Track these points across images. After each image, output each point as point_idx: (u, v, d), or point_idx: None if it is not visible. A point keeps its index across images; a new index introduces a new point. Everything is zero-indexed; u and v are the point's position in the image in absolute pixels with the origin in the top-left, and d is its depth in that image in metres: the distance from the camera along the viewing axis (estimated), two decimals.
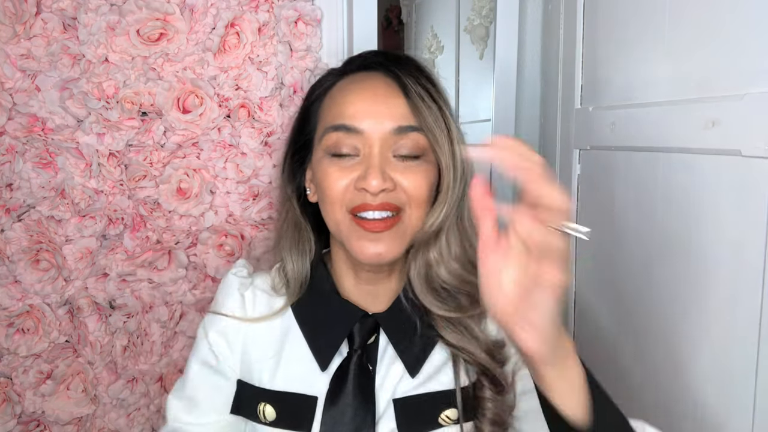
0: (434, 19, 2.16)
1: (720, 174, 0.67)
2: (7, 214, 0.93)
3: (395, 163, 0.63)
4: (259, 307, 0.72)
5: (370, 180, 0.61)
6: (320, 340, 0.68)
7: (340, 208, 0.64)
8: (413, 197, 0.63)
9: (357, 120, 0.63)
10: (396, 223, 0.63)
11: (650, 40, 0.82)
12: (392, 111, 0.63)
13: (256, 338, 0.71)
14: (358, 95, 0.65)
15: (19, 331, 0.95)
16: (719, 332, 0.68)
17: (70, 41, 0.91)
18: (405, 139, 0.63)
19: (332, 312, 0.69)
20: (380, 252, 0.63)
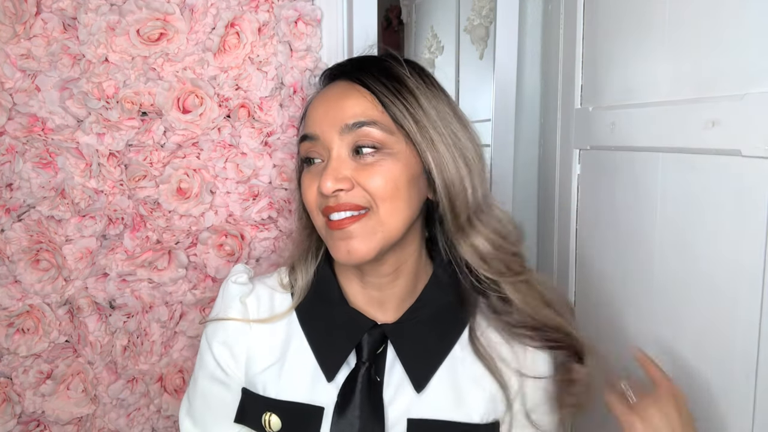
0: (434, 19, 2.16)
1: (720, 174, 0.67)
2: (7, 214, 0.93)
3: (351, 162, 0.63)
4: (262, 310, 0.71)
5: (324, 183, 0.62)
6: (326, 351, 0.67)
7: (317, 214, 0.66)
8: (374, 193, 0.62)
9: (314, 128, 0.65)
10: (362, 218, 0.63)
11: (650, 40, 0.82)
12: (342, 112, 0.64)
13: (259, 344, 0.70)
14: (318, 104, 0.67)
15: (19, 331, 0.95)
16: (719, 332, 0.68)
17: (70, 41, 0.91)
18: (354, 135, 0.63)
19: (340, 321, 0.68)
20: (350, 249, 0.62)
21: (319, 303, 0.70)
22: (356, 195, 0.62)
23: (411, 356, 0.66)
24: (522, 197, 1.40)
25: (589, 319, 1.04)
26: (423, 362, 0.67)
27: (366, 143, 0.63)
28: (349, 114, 0.64)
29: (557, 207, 1.17)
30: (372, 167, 0.63)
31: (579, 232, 1.08)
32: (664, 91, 0.79)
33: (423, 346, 0.67)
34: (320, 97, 0.68)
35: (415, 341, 0.67)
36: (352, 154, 0.64)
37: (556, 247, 1.18)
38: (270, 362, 0.69)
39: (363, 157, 0.63)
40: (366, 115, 0.63)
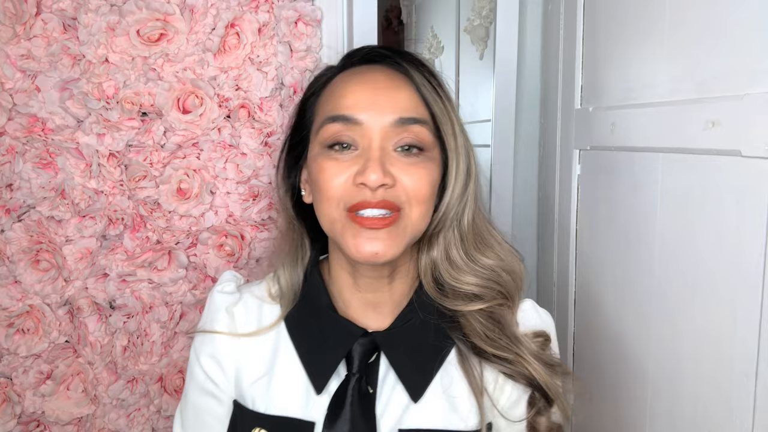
0: (434, 20, 2.16)
1: (720, 174, 0.67)
2: (7, 214, 0.93)
3: (396, 158, 0.60)
4: (250, 321, 0.68)
5: (369, 174, 0.57)
6: (315, 362, 0.64)
7: (336, 206, 0.60)
8: (414, 195, 0.60)
9: (356, 111, 0.60)
10: (395, 221, 0.60)
11: (650, 40, 0.82)
12: (394, 103, 0.60)
13: (248, 357, 0.67)
14: (359, 86, 0.62)
15: (19, 331, 0.95)
16: (719, 332, 0.68)
17: (70, 41, 0.91)
18: (407, 131, 0.60)
19: (328, 330, 0.65)
20: (377, 251, 0.59)
21: (307, 312, 0.67)
22: (396, 193, 0.59)
23: (405, 365, 0.63)
24: (522, 197, 1.40)
25: (589, 320, 1.04)
26: (418, 371, 0.63)
27: (415, 143, 0.60)
28: (404, 106, 0.60)
29: (557, 207, 1.17)
30: (417, 167, 0.60)
31: (579, 232, 1.08)
32: (664, 91, 0.79)
33: (417, 354, 0.64)
34: (361, 78, 0.63)
35: (408, 349, 0.64)
36: (396, 149, 0.60)
37: (556, 247, 1.18)
38: (259, 375, 0.66)
39: (408, 156, 0.60)
40: (419, 113, 0.61)
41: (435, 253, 0.65)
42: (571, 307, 1.10)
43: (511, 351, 0.63)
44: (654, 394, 0.82)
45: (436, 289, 0.65)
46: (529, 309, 0.69)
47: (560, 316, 1.15)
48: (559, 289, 1.17)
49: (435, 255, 0.65)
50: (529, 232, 1.38)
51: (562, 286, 1.14)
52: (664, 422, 0.80)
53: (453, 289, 0.64)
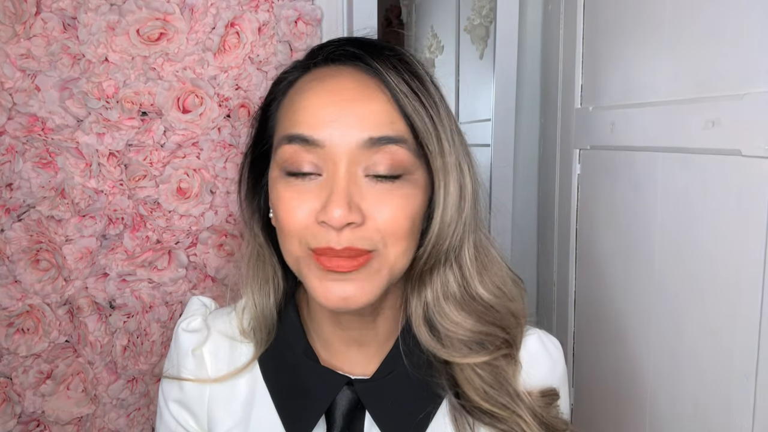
0: (434, 19, 2.16)
1: (720, 174, 0.67)
2: (7, 214, 0.93)
3: (367, 186, 0.49)
4: (220, 362, 0.60)
5: (332, 210, 0.46)
6: (293, 416, 0.56)
7: (298, 243, 0.50)
8: (389, 233, 0.49)
9: (317, 129, 0.49)
10: (367, 261, 0.49)
11: (650, 39, 0.82)
12: (364, 118, 0.49)
13: (219, 404, 0.59)
14: (320, 97, 0.50)
15: (19, 331, 0.95)
16: (719, 332, 0.68)
17: (70, 41, 0.91)
18: (380, 153, 0.49)
19: (307, 379, 0.56)
20: (348, 296, 0.49)
21: (283, 355, 0.58)
22: (366, 234, 0.48)
23: (391, 422, 0.54)
24: (522, 197, 1.40)
25: (589, 320, 1.04)
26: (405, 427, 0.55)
27: (391, 171, 0.49)
28: (376, 122, 0.49)
29: (557, 207, 1.17)
30: (390, 197, 0.49)
31: (579, 232, 1.08)
32: (664, 91, 0.79)
33: (404, 408, 0.55)
34: (324, 86, 0.51)
35: (395, 402, 0.55)
36: (367, 175, 0.49)
37: (556, 247, 1.18)
38: (233, 423, 0.58)
39: (380, 181, 0.49)
40: (395, 129, 0.49)
41: (429, 296, 0.54)
42: (571, 307, 1.10)
43: (508, 410, 0.54)
44: (654, 394, 0.82)
45: (430, 334, 0.54)
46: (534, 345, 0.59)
47: (560, 316, 1.15)
48: (559, 289, 1.17)
49: (429, 297, 0.54)
50: (529, 232, 1.38)
51: (562, 286, 1.14)
52: (664, 422, 0.80)
53: (448, 335, 0.54)
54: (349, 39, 0.56)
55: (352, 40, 0.55)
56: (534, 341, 0.59)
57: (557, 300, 1.17)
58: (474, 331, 0.54)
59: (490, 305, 0.55)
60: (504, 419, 0.54)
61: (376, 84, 0.50)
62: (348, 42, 0.54)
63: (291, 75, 0.56)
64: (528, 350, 0.58)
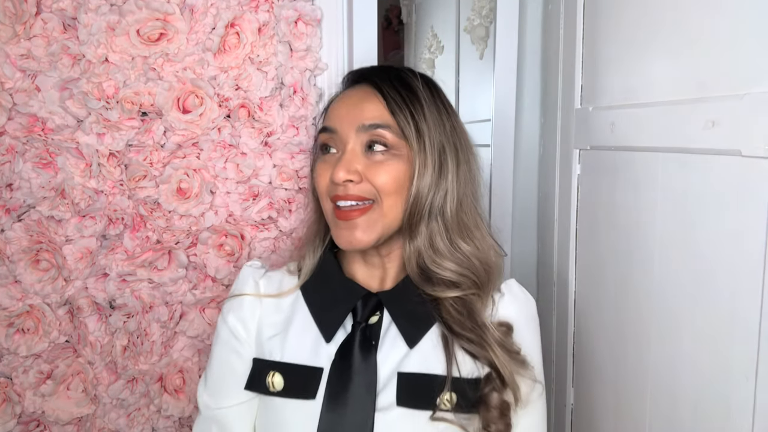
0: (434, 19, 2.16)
1: (720, 174, 0.67)
2: (7, 214, 0.93)
3: (365, 158, 0.72)
4: (271, 288, 0.80)
5: (336, 173, 0.70)
6: (325, 316, 0.75)
7: (326, 199, 0.74)
8: (380, 188, 0.71)
9: (334, 122, 0.74)
10: (367, 210, 0.72)
11: (650, 39, 0.82)
12: (362, 113, 0.73)
13: (267, 317, 0.78)
14: (339, 103, 0.77)
15: (19, 331, 0.95)
16: (719, 332, 0.68)
17: (70, 41, 0.91)
18: (370, 134, 0.72)
19: (338, 291, 0.77)
20: (352, 239, 0.71)
21: (321, 280, 0.79)
22: (363, 188, 0.71)
23: (404, 318, 0.74)
24: (522, 197, 1.40)
25: (588, 320, 1.04)
26: (415, 323, 0.74)
27: (378, 140, 0.72)
28: (368, 116, 0.73)
29: (557, 207, 1.17)
30: (381, 165, 0.72)
31: (579, 232, 1.08)
32: (664, 91, 0.79)
33: (414, 311, 0.74)
34: (343, 97, 0.78)
35: (407, 306, 0.74)
36: (365, 150, 0.73)
37: (556, 247, 1.18)
38: (276, 332, 0.77)
39: (374, 155, 0.72)
40: (382, 119, 0.73)
41: (419, 242, 0.74)
42: (571, 307, 1.10)
43: (476, 334, 0.72)
44: (654, 395, 0.83)
45: (420, 275, 0.74)
46: (515, 285, 0.80)
47: (560, 316, 1.15)
48: (559, 289, 1.17)
49: (419, 243, 0.74)
50: (529, 232, 1.38)
51: (562, 286, 1.14)
52: (664, 422, 0.80)
53: (435, 275, 0.74)
54: (371, 66, 0.82)
55: (369, 67, 0.82)
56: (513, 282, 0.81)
57: (557, 300, 1.17)
58: (452, 270, 0.74)
59: (468, 256, 0.75)
60: (475, 342, 0.71)
61: (374, 92, 0.75)
62: (366, 69, 0.81)
63: (334, 95, 0.82)
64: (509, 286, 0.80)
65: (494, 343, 0.71)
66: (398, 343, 0.73)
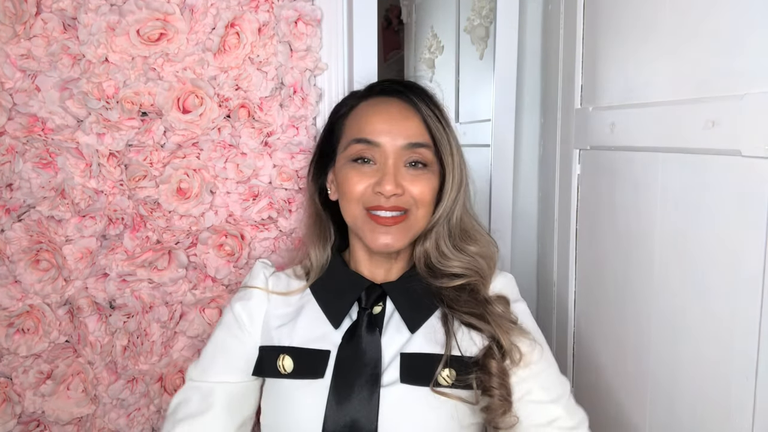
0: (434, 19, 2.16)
1: (720, 174, 0.67)
2: (7, 214, 0.93)
3: (405, 172, 0.78)
4: (279, 286, 0.85)
5: (385, 185, 0.75)
6: (332, 305, 0.80)
7: (357, 205, 0.79)
8: (419, 200, 0.78)
9: (377, 135, 0.78)
10: (403, 219, 0.78)
11: (650, 39, 0.82)
12: (405, 130, 0.78)
13: (275, 311, 0.83)
14: (379, 116, 0.80)
15: (19, 331, 0.95)
16: (719, 332, 0.68)
17: (70, 41, 0.91)
18: (415, 152, 0.78)
19: (344, 283, 0.82)
20: (389, 242, 0.77)
21: (328, 276, 0.84)
22: (405, 199, 0.77)
23: (406, 306, 0.79)
24: (522, 197, 1.40)
25: (588, 319, 1.04)
26: (417, 310, 0.79)
27: (420, 160, 0.79)
28: (412, 133, 0.78)
29: (557, 207, 1.17)
30: (420, 179, 0.78)
31: (579, 232, 1.08)
32: (664, 91, 0.79)
33: (417, 299, 0.80)
34: (380, 109, 0.80)
35: (409, 295, 0.80)
36: (405, 164, 0.78)
37: (556, 247, 1.18)
38: (285, 321, 0.81)
39: (414, 169, 0.78)
40: (424, 138, 0.79)
41: (428, 244, 0.81)
42: (571, 307, 1.10)
43: (478, 309, 0.78)
44: (654, 395, 0.83)
45: (428, 272, 0.81)
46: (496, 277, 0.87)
47: (560, 316, 1.15)
48: (559, 289, 1.17)
49: (428, 245, 0.81)
50: (529, 232, 1.38)
51: (562, 286, 1.14)
52: (664, 422, 0.80)
53: (441, 272, 0.81)
54: (396, 80, 0.86)
55: (396, 81, 0.86)
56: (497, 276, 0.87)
57: (557, 300, 1.17)
58: (456, 266, 0.81)
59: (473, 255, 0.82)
60: (478, 316, 0.77)
61: (413, 110, 0.80)
62: (395, 82, 0.85)
63: (352, 101, 0.85)
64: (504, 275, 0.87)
65: (496, 315, 0.78)
66: (401, 329, 0.78)
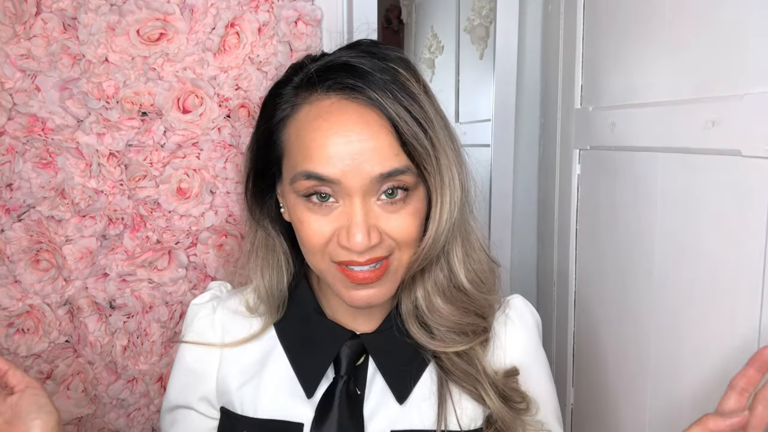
0: (434, 19, 2.16)
1: (720, 174, 0.67)
2: (7, 214, 0.93)
3: (380, 207, 0.57)
4: (234, 331, 0.68)
5: (354, 239, 0.54)
6: (305, 365, 0.64)
7: (322, 259, 0.59)
8: (402, 240, 0.58)
9: (331, 169, 0.54)
10: (386, 268, 0.58)
11: (650, 39, 0.82)
12: (372, 156, 0.54)
13: (231, 363, 0.67)
14: (329, 137, 0.54)
15: (19, 331, 0.95)
16: (719, 332, 0.68)
17: (70, 41, 0.91)
18: (389, 181, 0.56)
19: (317, 334, 0.65)
20: (371, 298, 0.59)
21: (297, 318, 0.67)
22: (385, 245, 0.57)
23: (391, 367, 0.63)
24: (522, 197, 1.40)
25: (589, 320, 1.04)
26: (404, 372, 0.63)
27: (399, 186, 0.56)
28: (381, 158, 0.54)
29: (557, 207, 1.17)
30: (400, 210, 0.57)
31: (579, 232, 1.08)
32: (664, 91, 0.79)
33: (403, 355, 0.64)
34: (328, 124, 0.55)
35: (394, 351, 0.64)
36: (378, 196, 0.57)
37: (556, 247, 1.18)
38: (246, 379, 0.66)
39: (392, 202, 0.57)
40: (399, 161, 0.55)
41: (419, 293, 0.62)
42: (571, 307, 1.10)
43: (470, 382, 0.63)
44: (654, 394, 0.83)
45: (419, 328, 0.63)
46: (520, 305, 0.71)
47: (560, 316, 1.15)
48: (559, 289, 1.17)
49: (419, 294, 0.62)
50: (529, 232, 1.38)
51: (562, 286, 1.14)
52: (664, 422, 0.80)
53: (438, 328, 0.62)
54: (344, 64, 0.57)
55: (347, 66, 0.57)
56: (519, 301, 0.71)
57: (557, 300, 1.17)
58: (458, 322, 0.63)
59: (471, 297, 0.63)
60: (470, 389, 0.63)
61: (378, 115, 0.55)
62: (343, 69, 0.57)
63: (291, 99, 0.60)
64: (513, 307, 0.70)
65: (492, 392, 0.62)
66: (387, 395, 0.63)
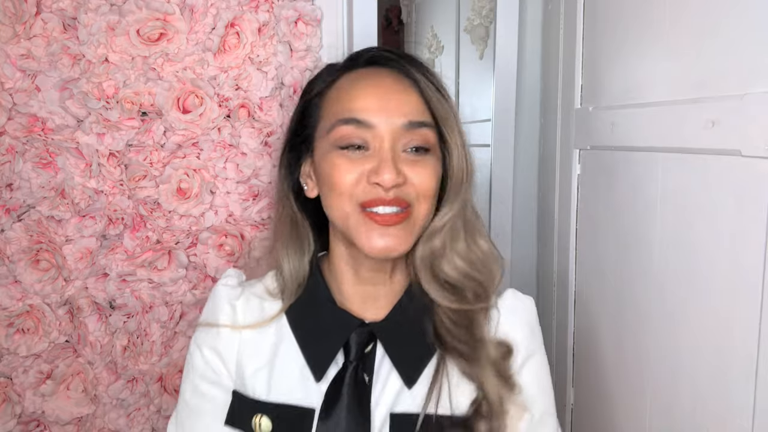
0: (434, 19, 2.16)
1: (720, 174, 0.67)
2: (7, 214, 0.93)
3: (405, 158, 0.63)
4: (251, 314, 0.70)
5: (383, 174, 0.61)
6: (315, 351, 0.67)
7: (349, 201, 0.63)
8: (422, 192, 0.63)
9: (368, 114, 0.63)
10: (406, 217, 0.63)
11: (650, 40, 0.82)
12: (403, 107, 0.63)
13: (248, 348, 0.69)
14: (369, 90, 0.64)
15: (19, 331, 0.95)
16: (719, 332, 0.68)
17: (70, 41, 0.91)
18: (415, 134, 0.63)
19: (327, 321, 0.68)
20: (389, 245, 0.62)
21: (308, 305, 0.70)
22: (407, 191, 0.63)
23: (400, 353, 0.66)
24: (522, 197, 1.40)
25: (589, 320, 1.04)
26: (412, 358, 0.66)
27: (421, 144, 0.64)
28: (412, 110, 0.64)
29: (557, 207, 1.17)
30: (422, 165, 0.64)
31: (579, 232, 1.08)
32: (664, 91, 0.79)
33: (411, 343, 0.67)
34: (370, 82, 0.65)
35: (403, 338, 0.67)
36: (406, 149, 0.64)
37: (556, 247, 1.18)
38: (260, 365, 0.68)
39: (416, 155, 0.64)
40: (425, 116, 0.65)
41: (437, 243, 0.67)
42: (571, 307, 1.10)
43: (470, 348, 0.65)
44: (654, 395, 0.83)
45: (430, 277, 0.67)
46: (510, 297, 0.72)
47: (560, 316, 1.15)
48: (559, 289, 1.17)
49: (437, 245, 0.67)
50: (529, 232, 1.38)
51: (562, 286, 1.14)
52: (664, 422, 0.80)
53: (446, 279, 0.67)
54: (382, 47, 0.70)
55: (385, 48, 0.70)
56: (509, 293, 0.72)
57: (557, 300, 1.17)
58: (465, 275, 0.67)
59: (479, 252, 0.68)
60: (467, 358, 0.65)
61: (409, 82, 0.65)
62: (382, 49, 0.69)
63: (331, 75, 0.69)
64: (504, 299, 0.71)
65: (487, 362, 0.65)
66: (393, 378, 0.65)
